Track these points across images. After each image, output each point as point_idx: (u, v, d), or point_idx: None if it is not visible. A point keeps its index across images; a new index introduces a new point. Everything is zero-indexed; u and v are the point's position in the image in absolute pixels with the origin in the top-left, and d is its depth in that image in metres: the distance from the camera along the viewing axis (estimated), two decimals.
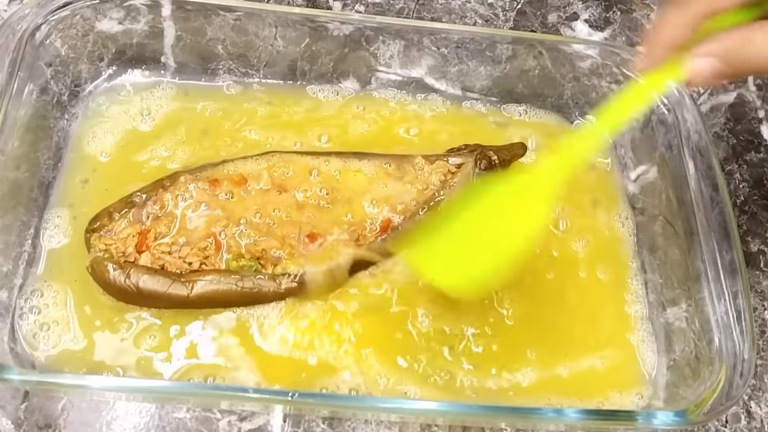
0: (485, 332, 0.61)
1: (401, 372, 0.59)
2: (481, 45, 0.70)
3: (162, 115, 0.70)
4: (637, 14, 0.86)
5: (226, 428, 0.57)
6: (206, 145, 0.68)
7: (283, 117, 0.71)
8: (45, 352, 0.57)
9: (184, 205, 0.61)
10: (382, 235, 0.62)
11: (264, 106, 0.72)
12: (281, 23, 0.69)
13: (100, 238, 0.59)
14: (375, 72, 0.73)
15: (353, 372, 0.58)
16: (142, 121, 0.69)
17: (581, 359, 0.61)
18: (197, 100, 0.71)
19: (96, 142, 0.67)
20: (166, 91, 0.71)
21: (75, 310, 0.59)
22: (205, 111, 0.71)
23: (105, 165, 0.66)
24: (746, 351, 0.54)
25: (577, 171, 0.62)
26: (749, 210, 0.73)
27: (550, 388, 0.60)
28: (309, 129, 0.71)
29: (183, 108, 0.70)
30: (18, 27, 0.62)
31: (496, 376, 0.60)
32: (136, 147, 0.67)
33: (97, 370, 0.56)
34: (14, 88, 0.60)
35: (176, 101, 0.71)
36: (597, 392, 0.60)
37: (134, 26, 0.69)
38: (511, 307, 0.63)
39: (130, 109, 0.70)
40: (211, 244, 0.59)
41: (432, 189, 0.64)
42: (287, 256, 0.60)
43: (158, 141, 0.68)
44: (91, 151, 0.67)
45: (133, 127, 0.69)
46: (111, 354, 0.57)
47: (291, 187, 0.63)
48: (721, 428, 0.62)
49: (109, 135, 0.68)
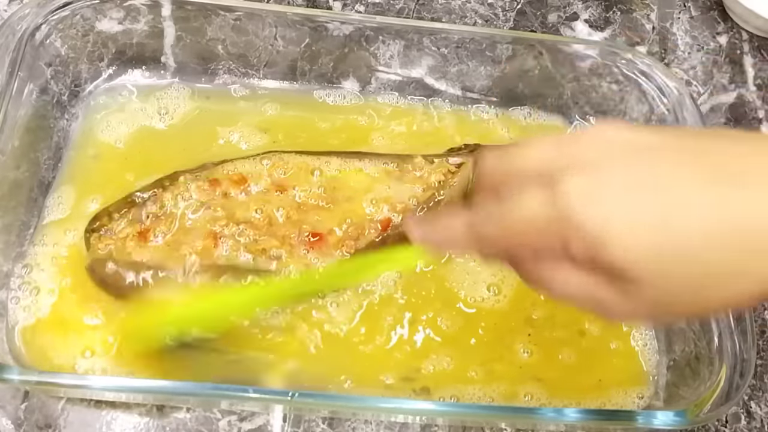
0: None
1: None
2: (481, 45, 0.70)
3: (164, 116, 0.70)
4: (637, 14, 0.86)
5: (226, 428, 0.57)
6: (206, 146, 0.68)
7: (284, 118, 0.71)
8: (45, 351, 0.57)
9: (184, 204, 0.61)
10: (382, 234, 0.62)
11: (265, 107, 0.72)
12: (281, 23, 0.69)
13: (99, 238, 0.59)
14: (375, 72, 0.73)
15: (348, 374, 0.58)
16: (144, 121, 0.69)
17: (581, 359, 0.61)
18: (199, 101, 0.71)
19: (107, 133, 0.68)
20: (168, 91, 0.71)
21: (74, 310, 0.59)
22: (206, 111, 0.71)
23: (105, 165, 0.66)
24: (746, 351, 0.54)
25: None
26: None
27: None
28: (309, 129, 0.71)
29: (185, 108, 0.70)
30: (18, 27, 0.62)
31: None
32: (146, 145, 0.68)
33: (97, 370, 0.56)
34: (14, 88, 0.60)
35: (178, 102, 0.71)
36: (597, 392, 0.60)
37: (134, 26, 0.69)
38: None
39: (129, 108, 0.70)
40: (211, 243, 0.59)
41: (432, 189, 0.64)
42: (287, 256, 0.60)
43: (159, 141, 0.68)
44: (90, 151, 0.67)
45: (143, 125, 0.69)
46: (111, 353, 0.57)
47: (291, 186, 0.63)
48: (721, 428, 0.62)
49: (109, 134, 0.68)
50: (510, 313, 0.62)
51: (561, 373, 0.60)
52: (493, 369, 0.60)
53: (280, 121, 0.71)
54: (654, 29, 0.85)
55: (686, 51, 0.84)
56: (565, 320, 0.63)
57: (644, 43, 0.84)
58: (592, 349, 0.62)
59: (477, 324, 0.62)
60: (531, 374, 0.60)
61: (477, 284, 0.63)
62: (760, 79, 0.82)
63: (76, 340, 0.57)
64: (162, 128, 0.69)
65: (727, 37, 0.85)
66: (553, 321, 0.63)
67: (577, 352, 0.62)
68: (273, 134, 0.70)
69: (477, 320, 0.62)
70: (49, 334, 0.57)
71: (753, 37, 0.85)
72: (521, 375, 0.60)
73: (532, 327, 0.62)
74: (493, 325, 0.62)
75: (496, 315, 0.62)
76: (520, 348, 0.61)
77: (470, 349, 0.60)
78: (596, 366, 0.61)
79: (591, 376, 0.61)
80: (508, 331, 0.62)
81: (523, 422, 0.59)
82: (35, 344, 0.57)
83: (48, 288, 0.59)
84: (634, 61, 0.69)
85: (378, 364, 0.59)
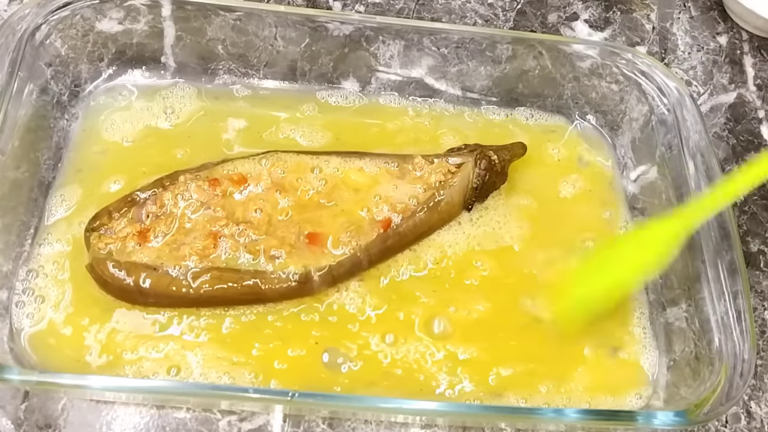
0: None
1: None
2: (481, 45, 0.70)
3: (170, 115, 0.70)
4: (637, 14, 0.86)
5: (226, 428, 0.57)
6: (207, 146, 0.68)
7: (284, 118, 0.71)
8: (45, 351, 0.57)
9: (184, 204, 0.61)
10: (382, 234, 0.62)
11: (265, 108, 0.72)
12: (281, 23, 0.69)
13: (99, 237, 0.59)
14: (375, 72, 0.73)
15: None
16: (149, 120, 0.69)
17: (582, 359, 0.61)
18: (199, 101, 0.71)
19: (111, 132, 0.68)
20: (174, 90, 0.71)
21: (74, 310, 0.59)
22: (206, 111, 0.71)
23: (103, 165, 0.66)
24: (746, 351, 0.54)
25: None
26: (749, 210, 0.73)
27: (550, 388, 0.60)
28: (310, 129, 0.71)
29: (191, 107, 0.71)
30: (18, 27, 0.62)
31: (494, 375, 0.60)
32: (151, 144, 0.68)
33: (97, 370, 0.56)
34: (14, 88, 0.60)
35: (184, 101, 0.71)
36: (597, 392, 0.60)
37: (134, 26, 0.69)
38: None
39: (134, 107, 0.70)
40: (210, 243, 0.59)
41: (432, 189, 0.64)
42: (287, 256, 0.60)
43: (160, 142, 0.68)
44: (91, 150, 0.67)
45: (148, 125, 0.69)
46: (111, 353, 0.57)
47: (291, 186, 0.64)
48: (721, 428, 0.62)
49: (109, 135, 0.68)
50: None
51: (560, 373, 0.61)
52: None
53: (281, 122, 0.71)
54: (654, 29, 0.85)
55: (686, 51, 0.84)
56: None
57: (644, 43, 0.84)
58: (592, 349, 0.62)
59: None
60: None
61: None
62: (760, 79, 0.82)
63: (78, 343, 0.57)
64: (168, 127, 0.69)
65: (727, 37, 0.85)
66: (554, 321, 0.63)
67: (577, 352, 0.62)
68: (274, 134, 0.70)
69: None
70: (53, 338, 0.57)
71: (753, 37, 0.85)
72: (522, 375, 0.60)
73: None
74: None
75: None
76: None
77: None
78: (597, 366, 0.61)
79: (591, 376, 0.61)
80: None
81: (523, 422, 0.59)
82: (40, 349, 0.57)
83: (52, 294, 0.59)
84: (634, 61, 0.69)
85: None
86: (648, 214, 0.68)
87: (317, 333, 0.60)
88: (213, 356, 0.58)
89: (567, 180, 0.71)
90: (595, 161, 0.73)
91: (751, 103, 0.81)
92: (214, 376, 0.57)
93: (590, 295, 0.62)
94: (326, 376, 0.58)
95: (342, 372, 0.58)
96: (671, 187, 0.65)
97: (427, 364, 0.59)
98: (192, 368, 0.57)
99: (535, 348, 0.61)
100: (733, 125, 0.79)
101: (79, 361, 0.57)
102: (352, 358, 0.59)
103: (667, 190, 0.65)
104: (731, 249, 0.58)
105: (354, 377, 0.58)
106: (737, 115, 0.80)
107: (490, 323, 0.62)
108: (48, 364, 0.56)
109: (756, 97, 0.81)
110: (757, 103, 0.81)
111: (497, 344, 0.61)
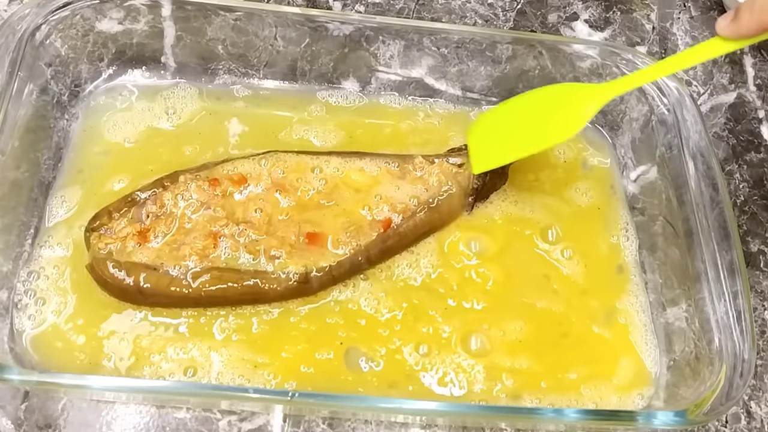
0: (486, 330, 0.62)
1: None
2: (481, 45, 0.70)
3: (172, 116, 0.70)
4: (637, 14, 0.86)
5: (226, 428, 0.57)
6: (213, 146, 0.68)
7: (285, 118, 0.71)
8: (45, 351, 0.57)
9: (184, 204, 0.61)
10: (382, 234, 0.62)
11: (265, 107, 0.72)
12: (281, 23, 0.69)
13: (99, 237, 0.59)
14: (375, 72, 0.73)
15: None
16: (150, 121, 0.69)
17: (581, 359, 0.61)
18: (201, 101, 0.71)
19: (113, 132, 0.68)
20: (175, 90, 0.71)
21: (75, 310, 0.59)
22: (209, 111, 0.71)
23: (104, 165, 0.66)
24: (746, 351, 0.54)
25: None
26: (749, 210, 0.73)
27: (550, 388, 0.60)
28: (310, 129, 0.71)
29: (192, 108, 0.71)
30: (18, 27, 0.62)
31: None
32: (155, 144, 0.68)
33: (97, 370, 0.56)
34: (14, 88, 0.60)
35: (185, 101, 0.71)
36: (597, 392, 0.60)
37: (134, 26, 0.69)
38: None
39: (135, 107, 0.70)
40: (210, 243, 0.59)
41: (432, 189, 0.64)
42: (287, 256, 0.60)
43: (161, 142, 0.68)
44: (93, 151, 0.67)
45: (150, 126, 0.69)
46: (111, 353, 0.57)
47: (291, 186, 0.64)
48: (721, 428, 0.62)
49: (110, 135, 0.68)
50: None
51: (561, 373, 0.61)
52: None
53: (281, 122, 0.71)
54: (654, 29, 0.85)
55: None
56: (566, 320, 0.63)
57: (644, 43, 0.84)
58: (592, 349, 0.62)
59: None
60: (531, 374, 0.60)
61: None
62: (760, 79, 0.82)
63: (76, 339, 0.57)
64: (170, 128, 0.69)
65: None
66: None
67: (578, 352, 0.62)
68: (274, 134, 0.70)
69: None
70: (54, 338, 0.57)
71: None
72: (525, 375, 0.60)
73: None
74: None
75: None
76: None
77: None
78: (597, 366, 0.61)
79: (591, 376, 0.61)
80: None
81: (523, 422, 0.59)
82: (40, 349, 0.57)
83: (53, 296, 0.59)
84: (634, 61, 0.69)
85: None
86: (648, 214, 0.68)
87: (343, 334, 0.60)
88: (217, 358, 0.58)
89: (568, 180, 0.71)
90: (595, 161, 0.73)
91: (751, 103, 0.81)
92: (229, 377, 0.57)
93: (502, 137, 0.63)
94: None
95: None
96: (671, 187, 0.65)
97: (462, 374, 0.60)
98: (208, 369, 0.57)
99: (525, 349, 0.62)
100: (733, 125, 0.79)
101: (78, 359, 0.57)
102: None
103: (667, 190, 0.65)
104: (731, 249, 0.58)
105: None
106: (737, 115, 0.80)
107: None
108: (49, 364, 0.56)
109: (756, 97, 0.81)
110: (757, 103, 0.81)
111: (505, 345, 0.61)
